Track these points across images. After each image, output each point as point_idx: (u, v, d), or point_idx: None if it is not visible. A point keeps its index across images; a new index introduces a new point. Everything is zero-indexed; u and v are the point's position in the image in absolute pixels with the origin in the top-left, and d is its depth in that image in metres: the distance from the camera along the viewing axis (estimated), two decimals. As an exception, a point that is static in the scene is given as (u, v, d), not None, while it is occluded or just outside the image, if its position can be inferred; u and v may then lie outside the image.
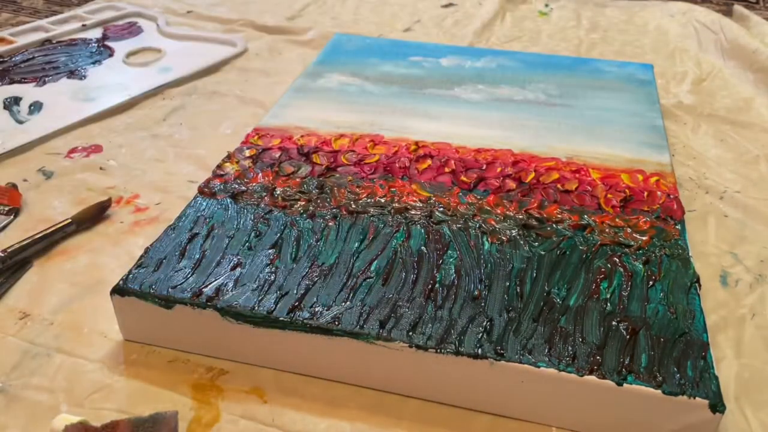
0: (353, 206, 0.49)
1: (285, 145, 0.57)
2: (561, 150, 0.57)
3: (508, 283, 0.42)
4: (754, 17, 0.91)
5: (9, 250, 0.48)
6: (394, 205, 0.49)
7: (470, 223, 0.48)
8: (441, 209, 0.49)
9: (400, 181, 0.53)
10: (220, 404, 0.39)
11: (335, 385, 0.40)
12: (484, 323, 0.39)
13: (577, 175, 0.54)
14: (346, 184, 0.52)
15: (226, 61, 0.81)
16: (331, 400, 0.40)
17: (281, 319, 0.39)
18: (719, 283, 0.49)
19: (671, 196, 0.51)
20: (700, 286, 0.43)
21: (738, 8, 0.96)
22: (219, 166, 0.54)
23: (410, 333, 0.38)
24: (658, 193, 0.52)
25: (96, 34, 0.87)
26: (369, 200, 0.50)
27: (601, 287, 0.42)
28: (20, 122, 0.67)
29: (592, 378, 0.36)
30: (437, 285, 0.42)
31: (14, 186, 0.56)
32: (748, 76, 0.79)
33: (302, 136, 0.58)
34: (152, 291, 0.41)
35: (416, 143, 0.58)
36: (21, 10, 1.01)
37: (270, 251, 0.45)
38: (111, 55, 0.81)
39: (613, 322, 0.39)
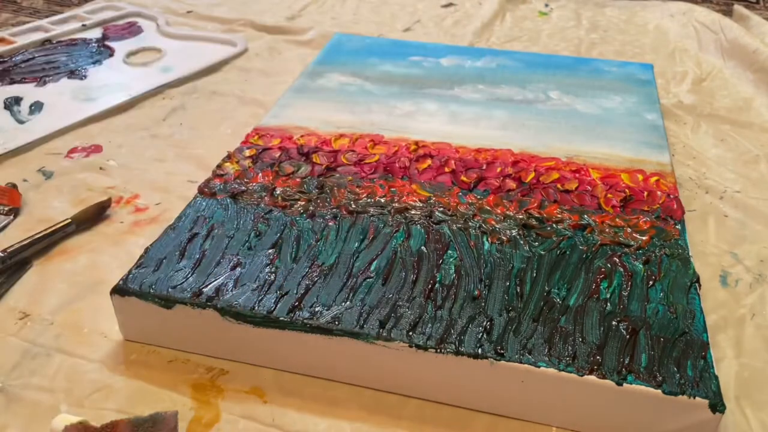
0: (353, 206, 0.49)
1: (285, 145, 0.57)
2: (561, 150, 0.57)
3: (508, 283, 0.42)
4: (754, 17, 0.91)
5: (9, 250, 0.48)
6: (394, 205, 0.49)
7: (470, 223, 0.48)
8: (441, 209, 0.49)
9: (400, 181, 0.53)
10: (220, 404, 0.39)
11: (335, 385, 0.40)
12: (484, 323, 0.39)
13: (577, 175, 0.54)
14: (346, 184, 0.52)
15: (226, 61, 0.81)
16: (331, 400, 0.40)
17: (281, 319, 0.39)
18: (719, 283, 0.49)
19: (671, 196, 0.51)
20: (700, 285, 0.43)
21: (738, 8, 0.96)
22: (219, 166, 0.54)
23: (410, 333, 0.38)
24: (658, 193, 0.52)
25: (96, 34, 0.87)
26: (369, 200, 0.50)
27: (601, 287, 0.42)
28: (21, 122, 0.67)
29: (592, 378, 0.36)
30: (437, 285, 0.42)
31: (14, 186, 0.56)
32: (748, 76, 0.79)
33: (302, 136, 0.58)
34: (152, 291, 0.41)
35: (416, 143, 0.58)
36: (21, 10, 1.01)
37: (270, 251, 0.45)
38: (111, 55, 0.81)
39: (613, 322, 0.39)
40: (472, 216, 0.49)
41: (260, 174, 0.53)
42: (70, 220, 0.52)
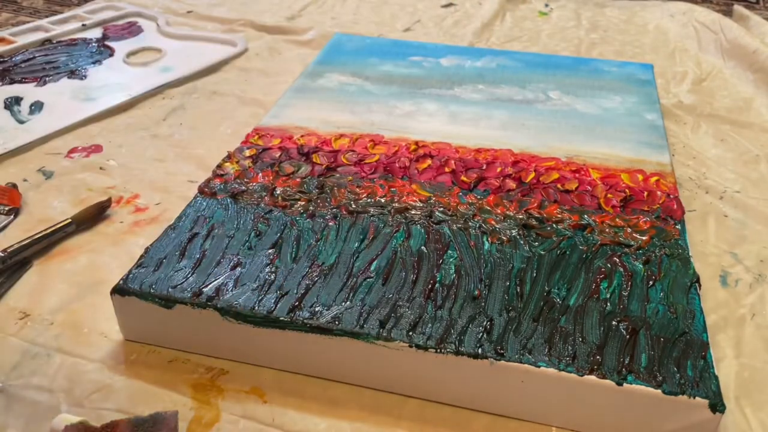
0: (353, 206, 0.49)
1: (285, 145, 0.57)
2: (561, 150, 0.57)
3: (508, 283, 0.42)
4: (754, 17, 0.91)
5: (9, 250, 0.48)
6: (394, 205, 0.49)
7: (470, 223, 0.48)
8: (441, 209, 0.49)
9: (400, 181, 0.53)
10: (220, 404, 0.39)
11: (335, 385, 0.40)
12: (484, 323, 0.39)
13: (577, 175, 0.54)
14: (346, 184, 0.52)
15: (226, 61, 0.81)
16: (331, 400, 0.40)
17: (281, 319, 0.39)
18: (719, 283, 0.49)
19: (671, 196, 0.51)
20: (700, 285, 0.43)
21: (738, 8, 0.96)
22: (219, 166, 0.54)
23: (410, 333, 0.38)
24: (658, 193, 0.52)
25: (96, 34, 0.87)
26: (369, 200, 0.50)
27: (601, 287, 0.42)
28: (21, 122, 0.67)
29: (592, 378, 0.36)
30: (437, 285, 0.42)
31: (14, 186, 0.56)
32: (748, 76, 0.79)
33: (302, 136, 0.58)
34: (152, 291, 0.41)
35: (416, 143, 0.58)
36: (21, 10, 1.01)
37: (270, 251, 0.45)
38: (111, 55, 0.81)
39: (613, 322, 0.40)
40: (472, 216, 0.49)
41: (260, 174, 0.53)
42: (70, 220, 0.52)
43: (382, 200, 0.50)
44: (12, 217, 0.54)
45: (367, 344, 0.38)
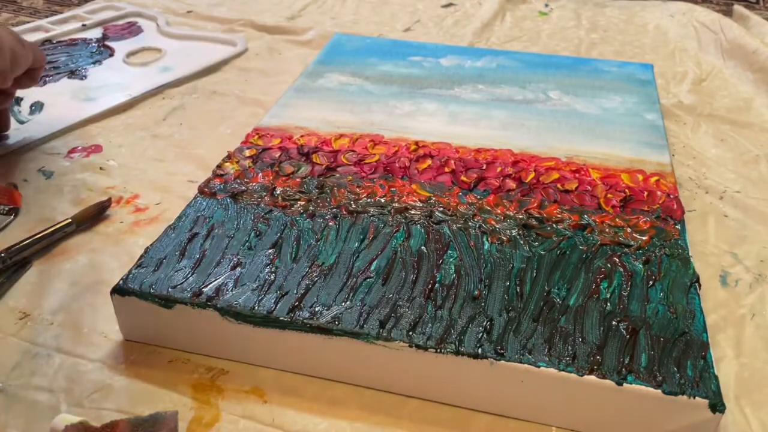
0: (353, 206, 0.49)
1: (285, 145, 0.57)
2: (561, 150, 0.57)
3: (508, 283, 0.42)
4: (754, 17, 0.91)
5: (9, 250, 0.48)
6: (394, 205, 0.49)
7: (470, 223, 0.48)
8: (441, 209, 0.49)
9: (400, 181, 0.53)
10: (220, 404, 0.39)
11: (335, 385, 0.40)
12: (484, 323, 0.39)
13: (577, 175, 0.54)
14: (346, 184, 0.52)
15: (226, 61, 0.81)
16: (331, 400, 0.40)
17: (281, 318, 0.39)
18: (719, 283, 0.49)
19: (671, 196, 0.51)
20: (700, 285, 0.43)
21: (738, 8, 0.96)
22: (219, 166, 0.54)
23: (410, 333, 0.38)
24: (658, 193, 0.52)
25: (96, 34, 0.87)
26: (369, 200, 0.50)
27: (601, 287, 0.42)
28: (21, 122, 0.67)
29: (592, 378, 0.36)
30: (437, 285, 0.42)
31: (14, 186, 0.56)
32: (748, 76, 0.79)
33: (302, 136, 0.58)
34: (152, 291, 0.41)
35: (416, 143, 0.58)
36: (21, 10, 1.01)
37: (270, 251, 0.45)
38: (111, 55, 0.81)
39: (613, 322, 0.40)
40: (472, 216, 0.49)
41: (260, 174, 0.53)
42: (70, 220, 0.52)
43: (382, 200, 0.50)
44: (12, 217, 0.54)
45: (367, 344, 0.38)
